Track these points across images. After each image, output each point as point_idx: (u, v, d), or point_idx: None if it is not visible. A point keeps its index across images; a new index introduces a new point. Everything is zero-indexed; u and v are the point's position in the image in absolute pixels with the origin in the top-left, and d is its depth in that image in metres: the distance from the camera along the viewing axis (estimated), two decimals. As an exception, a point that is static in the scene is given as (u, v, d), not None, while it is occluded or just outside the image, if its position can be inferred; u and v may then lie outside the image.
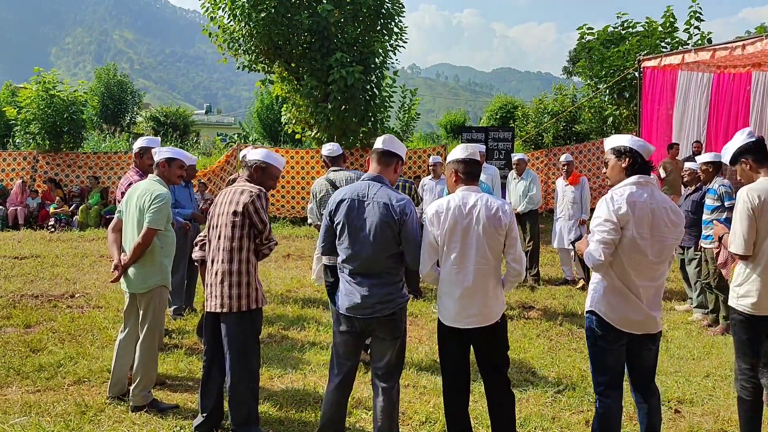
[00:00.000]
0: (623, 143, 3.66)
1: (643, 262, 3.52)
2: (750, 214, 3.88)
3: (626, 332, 3.58)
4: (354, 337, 3.85)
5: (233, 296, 4.08)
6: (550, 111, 20.71)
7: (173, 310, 7.21)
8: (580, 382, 5.33)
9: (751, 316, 3.94)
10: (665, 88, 13.37)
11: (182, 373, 5.52)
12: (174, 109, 34.76)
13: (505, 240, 3.74)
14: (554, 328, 6.98)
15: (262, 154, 4.32)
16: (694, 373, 5.62)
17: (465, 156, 3.84)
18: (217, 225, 4.17)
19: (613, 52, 16.38)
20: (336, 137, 14.81)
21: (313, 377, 5.46)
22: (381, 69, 15.20)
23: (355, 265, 3.76)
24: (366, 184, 3.83)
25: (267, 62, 15.37)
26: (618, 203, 3.49)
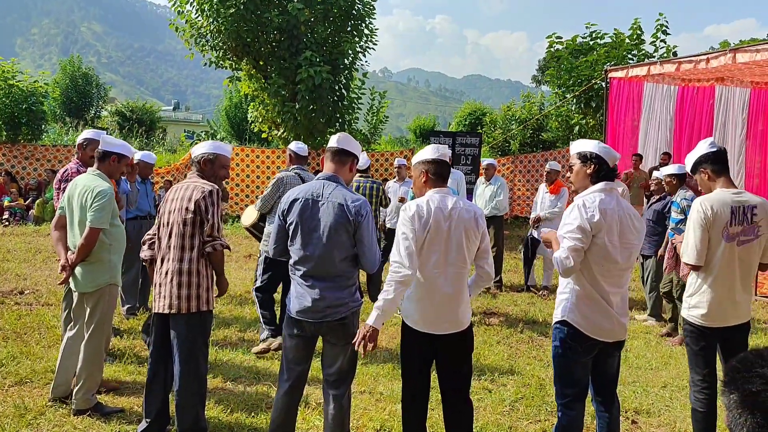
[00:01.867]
0: (589, 149, 3.59)
1: (613, 269, 3.48)
2: (702, 224, 3.85)
3: (598, 341, 3.52)
4: (304, 341, 3.72)
5: (182, 297, 3.91)
6: (518, 118, 20.81)
7: (126, 310, 7.01)
8: (538, 391, 5.27)
9: (703, 327, 3.92)
10: (631, 98, 13.50)
11: (131, 375, 5.32)
12: (140, 105, 34.21)
13: (480, 244, 3.66)
14: (515, 335, 6.93)
15: (208, 146, 4.17)
16: (651, 384, 5.61)
17: (436, 156, 3.71)
18: (168, 222, 4.00)
19: (581, 62, 16.51)
20: (303, 137, 14.67)
21: (268, 381, 5.31)
22: (350, 70, 15.12)
23: (307, 267, 3.63)
24: (320, 184, 3.70)
25: (234, 59, 15.18)
26: (591, 211, 3.43)
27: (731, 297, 3.89)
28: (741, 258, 3.87)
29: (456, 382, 3.76)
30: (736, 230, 3.83)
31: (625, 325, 3.59)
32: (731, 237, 3.83)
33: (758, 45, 9.89)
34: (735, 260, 3.87)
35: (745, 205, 3.85)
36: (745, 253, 3.88)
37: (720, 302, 3.88)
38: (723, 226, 3.82)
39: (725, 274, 3.87)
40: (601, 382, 3.73)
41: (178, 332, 3.94)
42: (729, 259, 3.86)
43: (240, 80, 15.84)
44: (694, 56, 11.02)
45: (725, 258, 3.85)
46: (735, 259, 3.86)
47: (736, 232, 3.84)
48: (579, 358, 3.55)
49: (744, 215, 3.84)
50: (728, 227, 3.82)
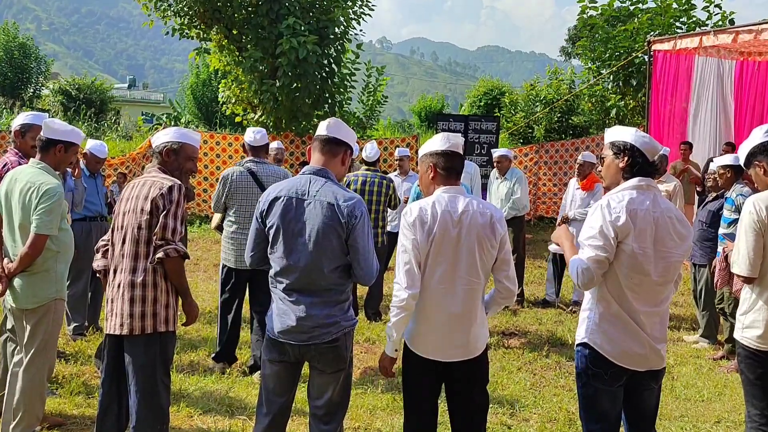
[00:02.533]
0: (624, 138, 3.59)
1: (644, 282, 3.46)
2: (756, 229, 3.88)
3: (627, 369, 3.52)
4: (287, 368, 3.74)
5: (136, 315, 3.91)
6: (543, 99, 20.86)
7: (73, 329, 7.04)
8: (567, 428, 5.32)
9: (760, 352, 3.94)
10: (679, 76, 13.53)
11: (78, 408, 5.34)
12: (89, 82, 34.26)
13: (498, 254, 3.67)
14: (539, 360, 6.97)
15: (172, 134, 4.17)
16: (702, 418, 5.65)
17: (446, 148, 3.72)
18: (121, 226, 4.01)
19: (620, 31, 16.57)
20: (285, 121, 14.72)
21: (243, 414, 5.34)
22: (341, 41, 15.17)
23: (291, 279, 3.64)
24: (306, 179, 3.69)
25: (203, 27, 15.22)
26: (616, 212, 3.42)
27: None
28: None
29: (468, 417, 3.79)
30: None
31: (660, 352, 3.57)
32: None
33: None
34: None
35: None
36: None
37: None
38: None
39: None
40: (635, 420, 3.73)
41: (133, 357, 3.95)
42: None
43: (209, 53, 15.87)
44: (754, 25, 11.05)
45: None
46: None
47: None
48: (605, 387, 3.56)
49: None
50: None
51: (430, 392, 3.78)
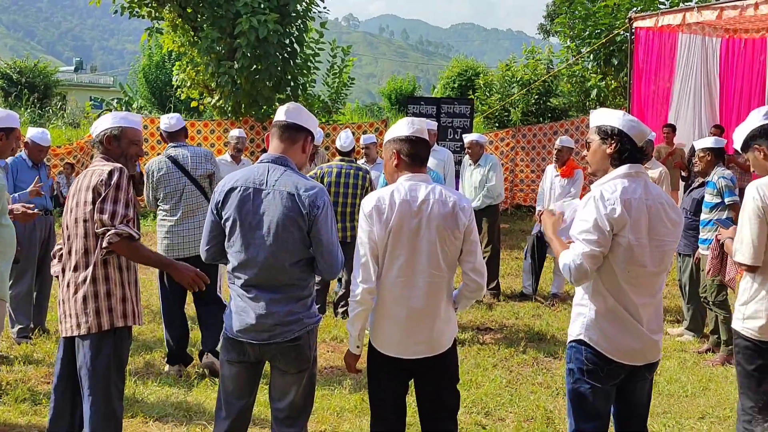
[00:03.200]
0: (611, 122, 3.58)
1: (642, 274, 3.50)
2: (760, 215, 3.94)
3: (624, 365, 3.57)
4: (247, 368, 3.76)
5: (91, 312, 3.90)
6: (520, 80, 20.97)
7: (17, 332, 7.00)
8: (545, 427, 5.39)
9: (759, 342, 4.02)
10: (662, 54, 13.68)
11: (24, 416, 5.33)
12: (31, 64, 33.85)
13: (463, 245, 3.70)
14: (516, 357, 7.05)
15: (110, 120, 4.13)
16: (686, 414, 5.76)
17: (410, 133, 3.74)
18: (68, 224, 4.01)
19: (600, 7, 16.71)
20: (244, 106, 14.68)
21: (202, 420, 5.35)
22: (304, 19, 15.14)
23: (249, 274, 3.65)
24: (264, 168, 3.69)
25: (154, 5, 15.09)
26: (611, 203, 3.43)
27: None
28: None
29: (438, 415, 3.85)
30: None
31: (657, 344, 3.63)
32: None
33: (819, -14, 10.10)
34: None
35: None
36: None
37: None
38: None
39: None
40: (627, 414, 3.79)
41: (86, 358, 3.93)
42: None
43: (162, 33, 15.76)
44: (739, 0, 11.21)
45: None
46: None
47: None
48: (600, 386, 3.60)
49: None
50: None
51: (394, 391, 3.83)
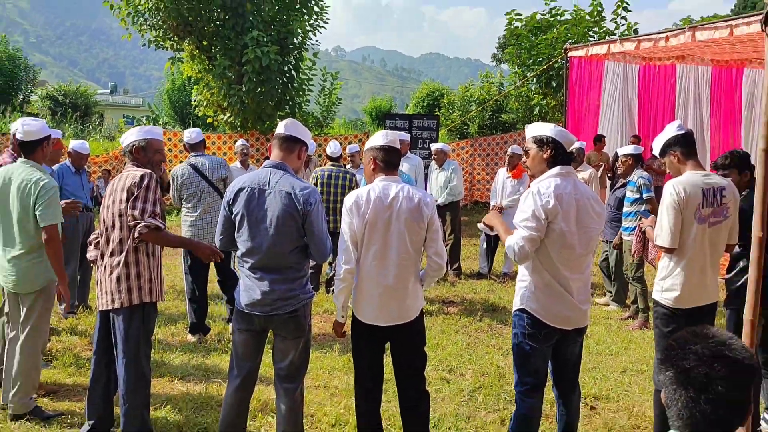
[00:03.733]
0: (545, 132, 3.68)
1: (572, 255, 3.58)
2: (676, 207, 4.02)
3: (558, 329, 3.64)
4: (254, 336, 3.79)
5: (123, 290, 3.93)
6: (477, 99, 21.01)
7: (64, 308, 6.94)
8: (497, 380, 5.44)
9: (674, 310, 4.11)
10: (592, 78, 13.76)
11: (71, 377, 5.31)
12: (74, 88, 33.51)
13: (427, 233, 3.74)
14: (474, 324, 7.10)
15: (136, 133, 4.16)
16: (611, 369, 5.83)
17: (384, 143, 3.80)
18: (106, 218, 4.02)
19: (541, 40, 16.74)
20: (251, 121, 14.63)
21: (218, 378, 5.35)
22: (300, 50, 15.10)
23: (255, 259, 3.68)
24: (267, 172, 3.73)
25: (176, 39, 14.99)
26: (546, 197, 3.51)
27: (703, 278, 4.09)
28: (711, 239, 4.08)
29: (409, 373, 3.90)
30: (707, 212, 4.02)
31: (585, 312, 3.72)
32: (703, 219, 4.02)
33: (717, 22, 10.20)
34: (706, 242, 4.06)
35: (715, 187, 4.05)
36: (714, 234, 4.08)
37: (692, 284, 4.07)
38: (695, 208, 4.00)
39: (697, 256, 4.06)
40: (562, 370, 3.86)
41: (120, 328, 3.96)
42: (701, 241, 4.05)
43: (182, 62, 15.66)
44: (653, 34, 11.29)
45: (697, 240, 4.04)
46: (706, 241, 4.06)
47: (707, 214, 4.03)
48: (538, 346, 3.67)
49: (714, 197, 4.04)
50: (700, 209, 4.01)
51: (373, 352, 3.88)
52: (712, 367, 1.71)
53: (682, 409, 1.74)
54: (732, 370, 1.71)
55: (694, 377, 1.72)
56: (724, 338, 1.77)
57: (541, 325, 3.62)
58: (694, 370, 1.72)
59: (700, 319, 4.09)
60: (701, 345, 1.75)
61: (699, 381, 1.71)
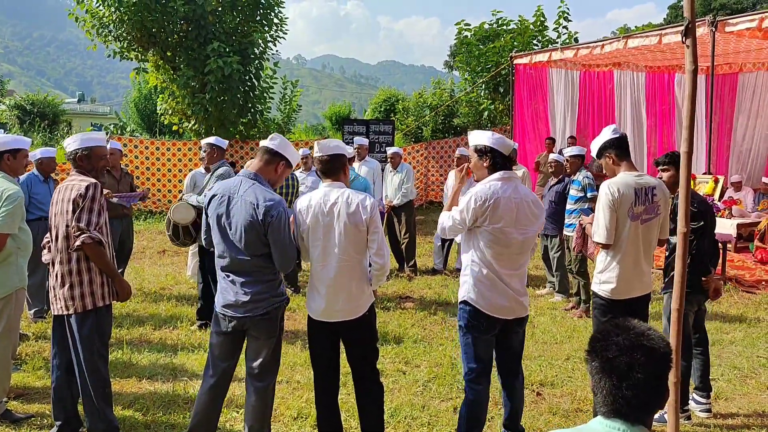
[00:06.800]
0: (483, 142, 3.80)
1: (505, 253, 3.70)
2: (611, 206, 4.14)
3: (498, 319, 3.72)
4: (230, 337, 3.75)
5: (76, 296, 3.87)
6: (430, 105, 21.12)
7: (33, 313, 6.80)
8: (450, 370, 5.49)
9: (611, 300, 4.24)
10: (537, 84, 13.99)
11: (40, 380, 5.20)
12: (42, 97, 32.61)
13: (368, 235, 3.76)
14: (428, 318, 7.15)
15: (79, 140, 4.00)
16: (556, 357, 5.93)
17: (318, 154, 3.82)
18: (54, 226, 3.94)
19: (489, 48, 16.93)
20: (215, 128, 14.45)
21: (184, 377, 5.30)
22: (261, 60, 14.98)
23: (225, 262, 3.68)
24: (239, 180, 3.71)
25: (140, 50, 14.73)
26: (480, 199, 3.65)
27: (637, 271, 4.22)
28: (644, 235, 4.21)
29: (360, 366, 3.93)
30: (639, 210, 4.16)
31: (523, 303, 3.82)
32: (636, 216, 4.16)
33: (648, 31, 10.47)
34: (639, 237, 4.20)
35: (646, 187, 4.19)
36: (646, 230, 4.22)
37: (627, 277, 4.21)
38: (629, 207, 4.14)
39: (631, 251, 4.19)
40: (506, 358, 3.97)
41: (74, 332, 3.90)
42: (634, 237, 4.18)
43: (147, 72, 15.40)
44: (590, 43, 11.54)
45: (631, 236, 4.17)
46: (639, 237, 4.19)
47: (639, 212, 4.16)
48: (481, 336, 3.78)
49: (646, 196, 4.18)
50: (633, 207, 4.14)
51: (325, 346, 3.91)
52: (632, 357, 1.78)
53: (607, 395, 1.80)
54: (650, 358, 1.78)
55: (616, 366, 1.79)
56: (643, 329, 1.85)
57: (482, 315, 3.73)
58: (616, 359, 1.79)
59: (636, 309, 4.24)
60: (623, 336, 1.82)
61: (621, 369, 1.78)
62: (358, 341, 3.90)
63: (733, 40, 10.60)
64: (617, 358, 1.79)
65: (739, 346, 6.20)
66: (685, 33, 3.19)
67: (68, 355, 3.98)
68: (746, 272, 9.12)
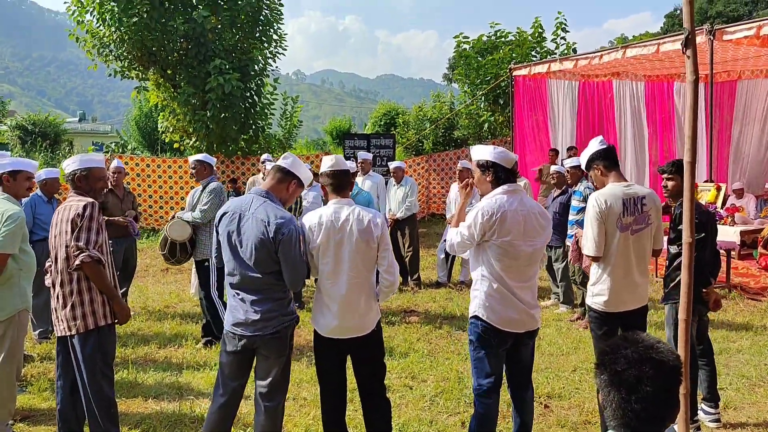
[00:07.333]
0: (485, 157, 3.79)
1: (514, 266, 3.68)
2: (599, 218, 4.13)
3: (509, 333, 3.70)
4: (240, 356, 3.71)
5: (78, 316, 3.85)
6: (430, 118, 21.18)
7: (38, 333, 6.78)
8: (457, 384, 5.47)
9: (605, 313, 4.21)
10: (536, 95, 14.04)
11: (46, 402, 5.18)
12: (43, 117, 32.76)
13: (378, 252, 3.76)
14: (434, 332, 7.12)
15: (78, 162, 4.02)
16: (562, 368, 5.90)
17: (328, 169, 3.82)
18: (54, 247, 3.94)
19: (488, 61, 17.00)
20: (216, 145, 14.52)
21: (190, 396, 5.28)
22: (261, 76, 15.05)
23: (235, 280, 3.66)
24: (250, 198, 3.70)
25: (141, 69, 14.84)
26: (487, 214, 3.63)
27: (629, 283, 4.18)
28: (635, 246, 4.17)
29: (369, 382, 3.91)
30: (628, 220, 4.13)
31: (534, 316, 3.79)
32: (625, 227, 4.13)
33: (645, 41, 10.51)
34: (630, 248, 4.16)
35: (635, 197, 4.17)
36: (638, 241, 4.18)
37: (619, 289, 4.17)
38: (617, 218, 4.11)
39: (622, 262, 4.16)
40: (516, 371, 3.93)
41: (77, 353, 3.89)
42: (624, 248, 4.15)
43: (148, 90, 15.49)
44: (589, 53, 11.58)
45: (621, 247, 4.14)
46: (630, 248, 4.16)
47: (628, 222, 4.14)
48: (493, 351, 3.75)
49: (635, 206, 4.15)
50: (621, 218, 4.12)
51: (334, 364, 3.88)
52: (641, 370, 1.77)
53: (616, 409, 1.79)
54: (659, 371, 1.77)
55: (625, 379, 1.78)
56: (652, 342, 1.84)
57: (493, 330, 3.70)
58: (625, 372, 1.79)
59: (632, 322, 4.20)
60: (631, 349, 1.82)
61: (630, 382, 1.77)
62: (368, 358, 3.88)
63: (731, 48, 10.64)
64: (626, 371, 1.78)
65: (746, 354, 6.17)
66: (685, 43, 3.20)
67: (72, 376, 3.97)
68: (751, 279, 9.10)
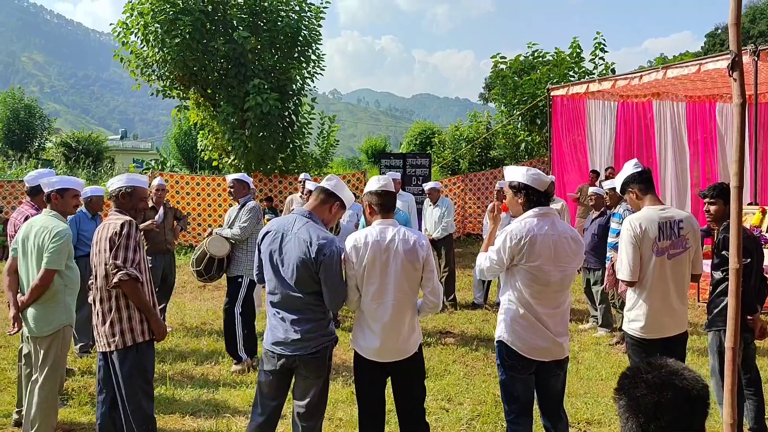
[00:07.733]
0: (517, 178, 3.73)
1: (544, 291, 3.60)
2: (633, 242, 4.04)
3: (534, 360, 3.64)
4: (279, 375, 3.71)
5: (116, 333, 3.92)
6: (466, 137, 21.18)
7: (79, 348, 6.89)
8: (494, 408, 5.39)
9: (642, 339, 4.11)
10: (575, 115, 13.94)
11: (86, 416, 5.25)
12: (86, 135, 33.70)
13: (423, 273, 3.73)
14: (470, 354, 7.06)
15: (125, 179, 4.13)
16: (602, 394, 5.79)
17: (378, 188, 3.79)
18: (95, 265, 4.02)
19: (525, 81, 16.97)
20: (254, 164, 14.69)
21: (227, 413, 5.30)
22: (299, 96, 15.24)
23: (276, 299, 3.67)
24: (293, 218, 3.72)
25: (182, 88, 15.15)
26: (515, 238, 3.58)
27: (668, 308, 4.07)
28: (673, 271, 4.07)
29: (409, 405, 3.86)
30: (665, 245, 4.04)
31: (562, 345, 3.70)
32: (661, 251, 4.03)
33: (687, 61, 10.36)
34: (667, 273, 4.05)
35: (671, 221, 4.07)
36: (676, 265, 4.08)
37: (656, 314, 4.06)
38: (652, 242, 4.02)
39: (659, 287, 4.06)
40: (546, 400, 3.83)
41: (116, 369, 3.95)
42: (661, 273, 4.05)
43: (188, 109, 15.80)
44: (628, 74, 11.47)
45: (657, 272, 4.04)
46: (667, 272, 4.05)
47: (665, 246, 4.04)
48: (518, 375, 3.68)
49: (671, 230, 4.06)
50: (657, 242, 4.02)
51: (374, 386, 3.85)
52: (661, 395, 1.69)
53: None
54: (680, 400, 1.69)
55: (643, 405, 1.70)
56: (677, 368, 1.76)
57: (517, 356, 3.65)
58: (644, 398, 1.71)
59: (671, 349, 4.07)
60: (653, 374, 1.74)
61: (648, 409, 1.69)
62: (409, 380, 3.84)
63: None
64: (645, 397, 1.70)
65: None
66: (731, 66, 3.14)
67: (112, 391, 4.03)
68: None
